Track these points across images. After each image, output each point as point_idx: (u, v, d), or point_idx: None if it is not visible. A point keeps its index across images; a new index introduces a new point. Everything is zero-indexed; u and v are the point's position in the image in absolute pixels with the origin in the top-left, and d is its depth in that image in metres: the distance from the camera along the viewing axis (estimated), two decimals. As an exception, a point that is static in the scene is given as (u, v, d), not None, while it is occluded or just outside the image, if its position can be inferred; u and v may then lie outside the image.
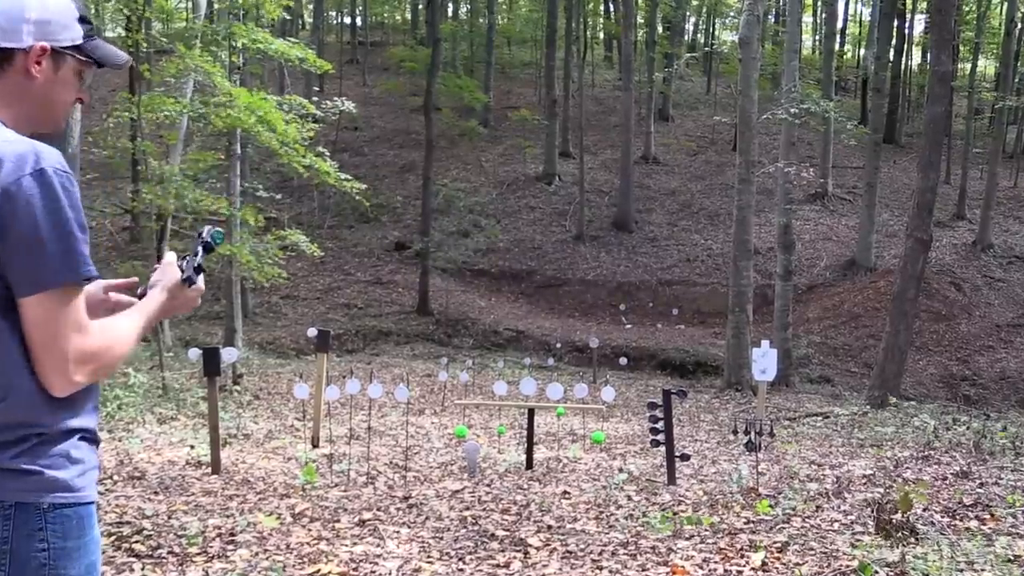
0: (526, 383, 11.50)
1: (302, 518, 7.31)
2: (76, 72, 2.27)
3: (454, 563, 6.05)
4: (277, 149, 16.69)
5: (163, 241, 17.38)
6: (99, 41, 2.31)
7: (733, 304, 20.33)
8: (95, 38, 2.30)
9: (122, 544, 6.23)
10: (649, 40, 41.62)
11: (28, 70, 2.17)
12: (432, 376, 19.43)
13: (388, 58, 48.45)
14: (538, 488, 8.78)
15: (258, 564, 5.90)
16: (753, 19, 20.73)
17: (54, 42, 2.18)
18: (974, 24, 41.28)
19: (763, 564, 5.69)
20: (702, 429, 14.15)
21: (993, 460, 9.96)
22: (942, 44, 17.72)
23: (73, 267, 2.06)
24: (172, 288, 2.36)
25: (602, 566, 5.86)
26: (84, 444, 2.16)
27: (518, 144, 39.56)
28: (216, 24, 17.56)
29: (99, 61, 2.31)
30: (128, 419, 12.34)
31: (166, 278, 2.38)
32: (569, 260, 31.67)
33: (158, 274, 2.41)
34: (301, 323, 24.49)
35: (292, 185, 31.84)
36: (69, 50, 2.22)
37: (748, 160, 20.33)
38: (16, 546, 2.03)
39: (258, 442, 11.56)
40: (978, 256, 30.61)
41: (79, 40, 2.24)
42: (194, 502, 7.81)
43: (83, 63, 2.27)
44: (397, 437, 12.38)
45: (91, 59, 2.28)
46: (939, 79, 17.59)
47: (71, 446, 2.12)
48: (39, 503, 2.05)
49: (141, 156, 18.88)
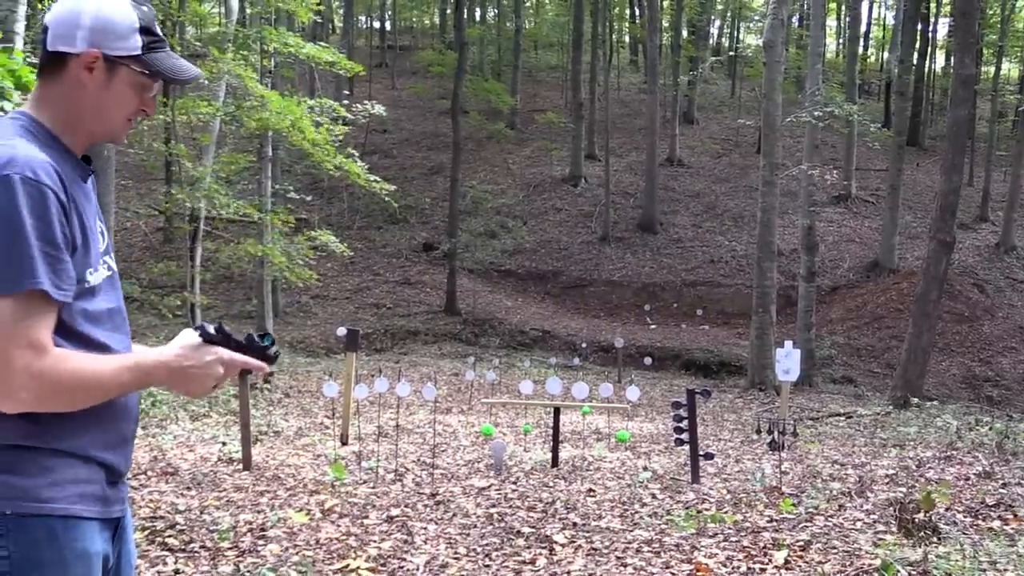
0: (552, 382, 11.50)
1: (331, 514, 7.33)
2: (134, 84, 2.19)
3: (481, 559, 6.05)
4: (308, 150, 16.73)
5: (196, 241, 17.48)
6: (164, 54, 2.23)
7: (757, 305, 20.27)
8: (160, 50, 2.21)
9: (155, 538, 6.27)
10: (674, 44, 41.49)
11: (79, 77, 2.13)
12: (459, 375, 19.45)
13: (416, 62, 48.60)
14: (563, 486, 8.78)
15: (288, 559, 5.93)
16: (777, 23, 20.66)
17: (108, 50, 2.13)
18: (998, 27, 40.95)
19: (786, 562, 5.66)
20: (726, 428, 14.11)
21: (1016, 460, 9.87)
22: (966, 47, 17.60)
23: (15, 277, 1.92)
24: (186, 348, 2.16)
25: (627, 563, 5.85)
26: (74, 461, 2.08)
27: (544, 146, 39.55)
28: (248, 28, 17.62)
29: (161, 74, 2.22)
30: (161, 416, 12.42)
31: (184, 339, 2.23)
32: (595, 261, 31.63)
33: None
34: (331, 322, 24.54)
35: (322, 187, 31.97)
36: (125, 60, 2.16)
37: (772, 162, 20.25)
38: None
39: (288, 439, 11.61)
40: (1001, 258, 30.41)
41: (136, 51, 2.16)
42: (226, 498, 7.85)
43: (142, 75, 2.19)
44: (425, 435, 12.40)
45: (151, 71, 2.20)
46: (962, 82, 17.47)
47: (45, 457, 2.04)
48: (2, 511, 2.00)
49: (174, 158, 19.00)
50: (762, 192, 20.63)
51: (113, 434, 2.17)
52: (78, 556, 2.09)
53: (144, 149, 19.75)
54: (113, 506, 2.22)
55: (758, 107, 30.22)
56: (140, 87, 2.21)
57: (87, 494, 2.11)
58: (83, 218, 2.12)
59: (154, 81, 2.23)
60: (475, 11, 52.57)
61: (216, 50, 16.49)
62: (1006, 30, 41.64)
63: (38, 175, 1.97)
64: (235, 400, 12.71)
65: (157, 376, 2.14)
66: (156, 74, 2.20)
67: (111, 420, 2.16)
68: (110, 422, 2.16)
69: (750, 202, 32.05)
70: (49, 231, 1.97)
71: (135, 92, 2.21)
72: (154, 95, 2.27)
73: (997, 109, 39.02)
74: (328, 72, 21.80)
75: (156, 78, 2.21)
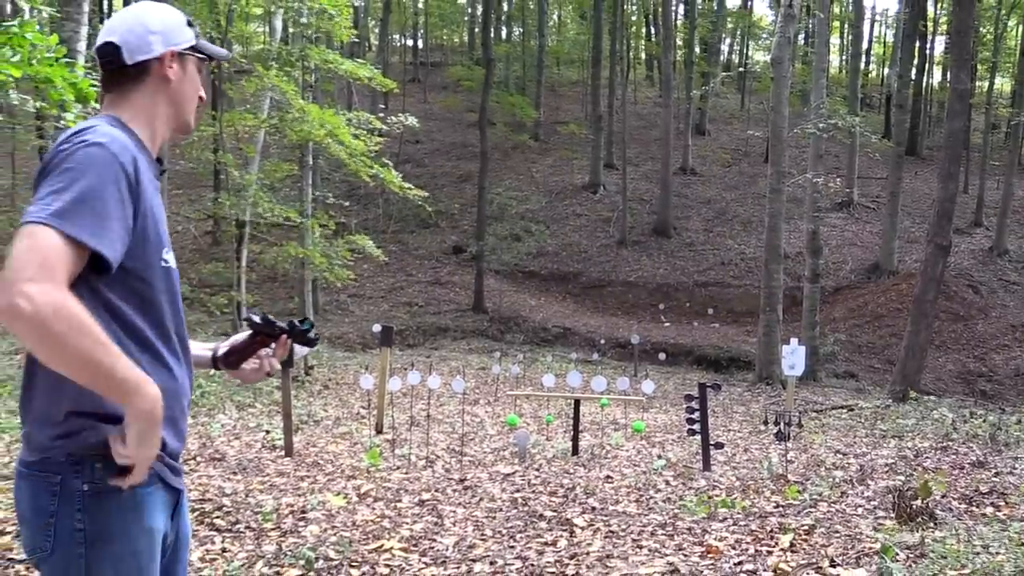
0: (572, 376, 11.48)
1: (367, 498, 7.35)
2: (197, 69, 2.40)
3: (506, 540, 6.05)
4: (346, 160, 16.77)
5: (242, 244, 17.54)
6: (205, 43, 2.44)
7: (764, 304, 20.18)
8: (200, 39, 2.42)
9: (204, 519, 6.30)
10: (687, 60, 41.37)
11: (165, 75, 2.30)
12: (486, 369, 19.45)
13: (447, 77, 48.64)
14: (583, 473, 8.77)
15: (327, 539, 5.94)
16: (784, 40, 20.56)
17: (177, 46, 2.33)
18: (991, 45, 40.67)
19: (791, 545, 5.64)
20: (735, 420, 14.05)
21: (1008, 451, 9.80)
22: (961, 63, 17.48)
23: (73, 222, 1.94)
24: (147, 392, 2.02)
25: (642, 545, 5.84)
26: None
27: (566, 156, 39.56)
28: (291, 46, 17.66)
29: (210, 56, 2.45)
30: (210, 406, 12.47)
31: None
32: (612, 263, 31.55)
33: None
34: (367, 320, 24.58)
35: (359, 193, 32.00)
36: (188, 51, 2.36)
37: (779, 171, 20.16)
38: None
39: (327, 428, 11.64)
40: (994, 261, 30.20)
41: (193, 40, 2.38)
42: (269, 482, 7.87)
43: (199, 60, 2.42)
44: (454, 424, 12.41)
45: (204, 55, 2.41)
46: (958, 96, 17.38)
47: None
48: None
49: (222, 167, 19.08)
50: (769, 199, 20.54)
51: (166, 417, 2.17)
52: (143, 531, 2.15)
53: (194, 159, 19.82)
54: (172, 484, 2.27)
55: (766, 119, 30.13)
56: (199, 72, 2.41)
57: (152, 472, 2.15)
58: (152, 206, 2.20)
59: (205, 64, 2.45)
60: (501, 30, 52.55)
61: (261, 66, 16.56)
62: (999, 47, 41.40)
63: (115, 151, 2.07)
64: (278, 391, 12.75)
65: (138, 403, 2.00)
66: (210, 56, 2.44)
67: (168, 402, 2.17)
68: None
69: (758, 208, 31.94)
70: (111, 198, 2.03)
71: (197, 80, 2.41)
72: (203, 79, 2.46)
73: (991, 121, 38.93)
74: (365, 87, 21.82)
75: (209, 60, 2.44)
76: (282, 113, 17.24)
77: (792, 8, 20.28)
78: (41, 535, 2.09)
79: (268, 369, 2.57)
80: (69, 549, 2.07)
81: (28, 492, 2.12)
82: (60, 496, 2.07)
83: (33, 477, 2.11)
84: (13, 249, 1.91)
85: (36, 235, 1.92)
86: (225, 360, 2.53)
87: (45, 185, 2.01)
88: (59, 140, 2.12)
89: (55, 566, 2.10)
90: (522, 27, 53.31)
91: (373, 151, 16.94)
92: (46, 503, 2.08)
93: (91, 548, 2.08)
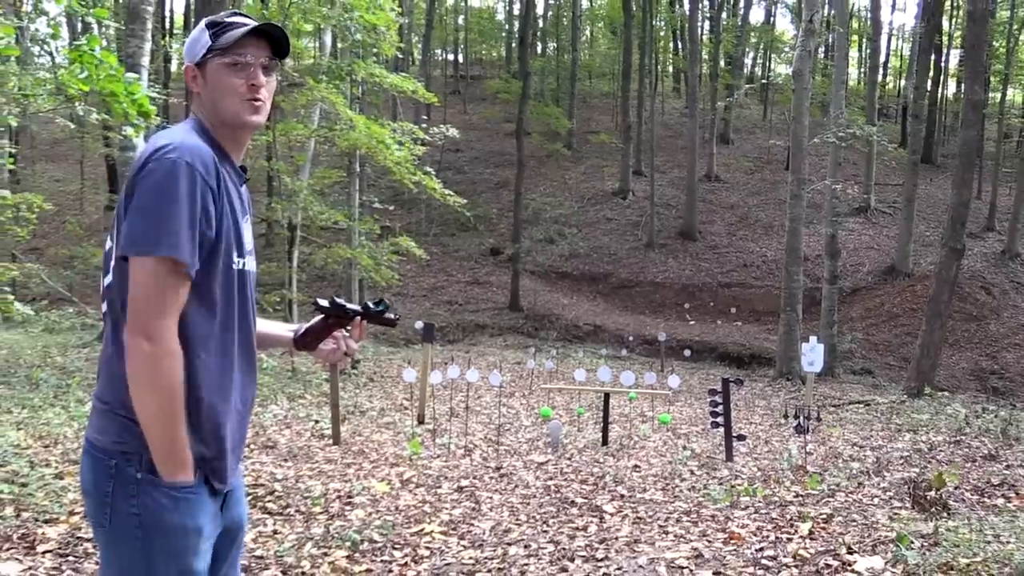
0: (602, 371, 11.45)
1: (409, 484, 7.37)
2: (226, 67, 2.25)
3: (539, 525, 6.06)
4: (391, 168, 16.81)
5: (293, 245, 17.63)
6: (230, 32, 2.26)
7: (785, 304, 20.05)
8: (226, 32, 2.26)
9: (257, 503, 6.34)
10: (712, 73, 41.19)
11: (191, 89, 2.30)
12: (521, 364, 19.45)
13: (486, 90, 48.64)
14: (612, 462, 8.75)
15: (371, 523, 5.97)
16: (805, 54, 20.41)
17: (194, 59, 2.27)
18: (1004, 58, 40.14)
19: (810, 533, 5.60)
20: (756, 413, 13.97)
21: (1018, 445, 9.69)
22: (975, 75, 17.28)
23: (162, 242, 2.00)
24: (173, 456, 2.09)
25: (668, 531, 5.82)
26: (193, 439, 2.15)
27: (597, 164, 39.49)
28: (340, 61, 17.73)
29: (226, 49, 2.24)
30: (262, 397, 12.54)
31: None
32: (640, 265, 31.46)
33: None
34: (410, 317, 24.64)
35: (403, 198, 32.05)
36: (205, 57, 2.25)
37: (799, 178, 20.02)
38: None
39: (372, 418, 11.68)
40: (1006, 264, 29.83)
41: (207, 44, 2.25)
42: (317, 469, 7.91)
43: (218, 59, 2.24)
44: (491, 416, 12.42)
45: (226, 49, 2.24)
46: (972, 106, 17.19)
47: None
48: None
49: (275, 173, 19.19)
50: (790, 204, 20.39)
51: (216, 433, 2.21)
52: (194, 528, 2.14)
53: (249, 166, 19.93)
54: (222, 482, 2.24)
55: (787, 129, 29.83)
56: (230, 68, 2.25)
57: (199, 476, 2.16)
58: (234, 213, 2.21)
59: (239, 55, 2.25)
60: (537, 45, 52.58)
61: (311, 80, 16.63)
62: (1011, 60, 40.87)
63: (194, 162, 2.07)
64: (327, 383, 12.82)
65: (169, 474, 2.07)
66: (224, 51, 2.24)
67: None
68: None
69: (779, 213, 31.70)
70: (195, 212, 2.05)
71: (230, 74, 2.25)
72: (254, 69, 2.27)
73: (1003, 131, 38.49)
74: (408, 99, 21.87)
75: (227, 54, 2.25)
76: (331, 123, 17.31)
77: (813, 23, 20.12)
78: (99, 511, 2.12)
79: (345, 349, 2.56)
80: (126, 532, 2.09)
81: (89, 469, 2.15)
82: (116, 479, 2.09)
83: (94, 455, 2.14)
84: (131, 283, 2.04)
85: (147, 267, 2.02)
86: (302, 341, 2.55)
87: (138, 212, 2.04)
88: (145, 153, 2.11)
89: (110, 543, 2.13)
90: (556, 42, 53.30)
91: (416, 159, 16.95)
92: (103, 483, 2.11)
93: (146, 535, 2.08)
